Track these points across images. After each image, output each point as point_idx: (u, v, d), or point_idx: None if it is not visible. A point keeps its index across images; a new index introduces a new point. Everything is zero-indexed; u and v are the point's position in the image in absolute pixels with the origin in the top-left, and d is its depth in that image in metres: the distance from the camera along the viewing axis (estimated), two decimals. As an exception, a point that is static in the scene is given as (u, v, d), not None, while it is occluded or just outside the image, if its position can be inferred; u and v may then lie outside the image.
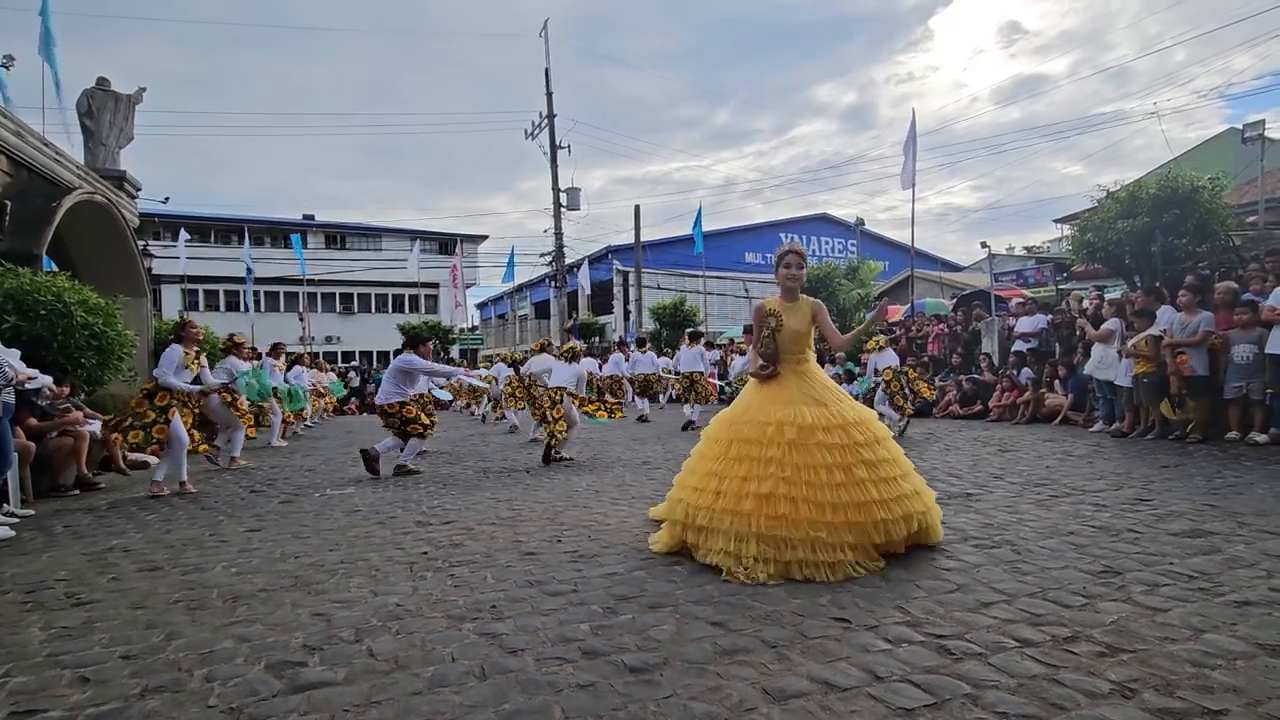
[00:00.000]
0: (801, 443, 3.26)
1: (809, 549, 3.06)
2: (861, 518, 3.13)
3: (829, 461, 3.22)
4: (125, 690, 2.17)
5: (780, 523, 3.11)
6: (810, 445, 3.26)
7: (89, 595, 3.17)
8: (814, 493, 3.15)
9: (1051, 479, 5.12)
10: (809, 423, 3.32)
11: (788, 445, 3.27)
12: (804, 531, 3.08)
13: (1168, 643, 2.21)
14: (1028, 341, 10.23)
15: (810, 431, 3.29)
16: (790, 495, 3.16)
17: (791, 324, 3.59)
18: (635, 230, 24.08)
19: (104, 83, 11.53)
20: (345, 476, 6.76)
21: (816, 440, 3.27)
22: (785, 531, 3.09)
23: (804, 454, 3.24)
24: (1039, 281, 17.31)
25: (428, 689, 2.11)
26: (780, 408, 3.42)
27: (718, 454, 3.48)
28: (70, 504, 5.66)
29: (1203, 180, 8.69)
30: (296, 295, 31.89)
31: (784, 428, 3.31)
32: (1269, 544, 3.23)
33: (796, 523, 3.10)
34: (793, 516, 3.11)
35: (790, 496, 3.16)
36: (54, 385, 6.57)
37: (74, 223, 9.59)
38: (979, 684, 2.00)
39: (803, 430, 3.29)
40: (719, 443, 3.53)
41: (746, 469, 3.31)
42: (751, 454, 3.33)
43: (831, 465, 3.21)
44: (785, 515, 3.12)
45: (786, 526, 3.10)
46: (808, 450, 3.25)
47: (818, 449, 3.25)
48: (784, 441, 3.28)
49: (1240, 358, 6.37)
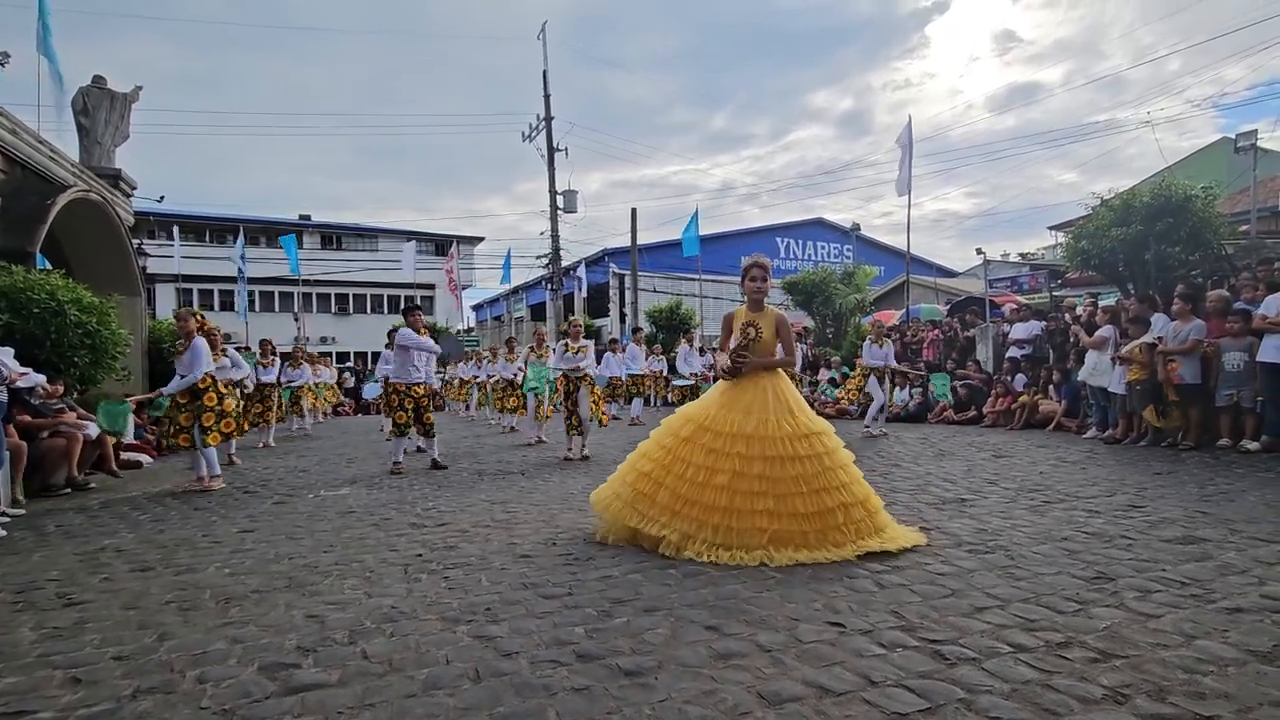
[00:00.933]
0: (769, 455, 3.43)
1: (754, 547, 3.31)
2: (822, 525, 3.35)
3: (794, 473, 3.40)
4: (117, 691, 2.16)
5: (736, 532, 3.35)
6: (777, 458, 3.43)
7: (80, 595, 3.16)
8: (778, 504, 3.34)
9: (1045, 485, 5.14)
10: (772, 433, 3.49)
11: (754, 459, 3.43)
12: (769, 541, 3.30)
13: (1160, 648, 2.22)
14: (1022, 348, 10.28)
15: (774, 442, 3.46)
16: (756, 508, 3.35)
17: (763, 333, 3.77)
18: (632, 233, 24.10)
19: (100, 80, 11.49)
20: (339, 477, 6.74)
21: (781, 452, 3.44)
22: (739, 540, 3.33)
23: (773, 466, 3.41)
24: (1033, 288, 17.38)
25: (422, 691, 2.10)
26: (745, 416, 3.56)
27: (674, 451, 3.61)
28: (61, 503, 5.63)
29: (1196, 189, 8.76)
30: (292, 295, 31.79)
31: (751, 441, 3.47)
32: (1260, 551, 3.25)
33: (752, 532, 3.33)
34: (764, 526, 3.33)
35: (753, 510, 3.35)
36: (47, 384, 6.53)
37: (68, 221, 9.54)
38: (973, 689, 2.00)
39: (767, 441, 3.46)
40: (678, 440, 3.65)
41: (705, 477, 3.47)
42: (709, 463, 3.49)
43: (796, 476, 3.40)
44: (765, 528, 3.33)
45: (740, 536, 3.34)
46: (777, 463, 3.42)
47: (782, 462, 3.42)
48: (750, 455, 3.44)
49: (1231, 366, 6.42)
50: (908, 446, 7.79)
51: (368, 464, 7.71)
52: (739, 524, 3.35)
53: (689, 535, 3.39)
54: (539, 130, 23.71)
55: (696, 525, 3.40)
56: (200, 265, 28.62)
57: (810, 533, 3.34)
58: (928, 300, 19.95)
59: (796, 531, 3.33)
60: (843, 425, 10.64)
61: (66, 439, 6.18)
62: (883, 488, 5.24)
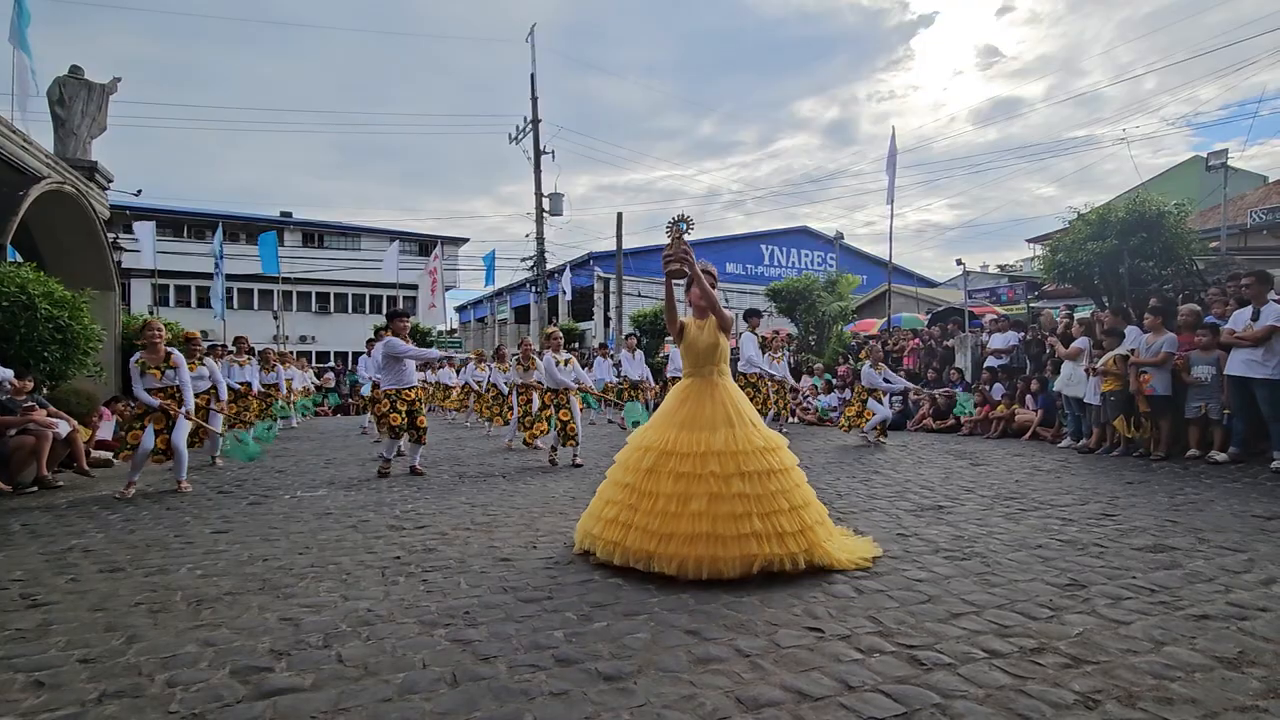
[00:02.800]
0: (721, 473, 3.21)
1: None
2: (770, 550, 3.12)
3: (745, 490, 3.19)
4: (82, 695, 2.11)
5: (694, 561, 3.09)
6: (729, 475, 3.21)
7: (46, 596, 3.08)
8: (725, 525, 3.11)
9: (1021, 493, 5.21)
10: (723, 449, 3.27)
11: (706, 477, 3.21)
12: (714, 568, 3.07)
13: (1130, 654, 2.26)
14: (999, 358, 10.43)
15: (727, 459, 3.24)
16: (710, 532, 3.11)
17: (704, 337, 3.62)
18: (617, 237, 24.11)
19: (77, 71, 11.26)
20: (316, 479, 6.65)
21: (734, 469, 3.22)
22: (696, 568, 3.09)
23: (719, 484, 3.19)
24: (1011, 299, 17.68)
25: (398, 696, 2.08)
26: (696, 434, 3.35)
27: (631, 484, 3.41)
28: (28, 502, 5.49)
29: (1169, 205, 8.96)
30: (271, 293, 31.36)
31: (706, 458, 3.25)
32: (1227, 559, 3.33)
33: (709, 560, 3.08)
34: (707, 555, 3.08)
35: (710, 534, 3.11)
36: (15, 379, 6.38)
37: (42, 213, 9.34)
38: (948, 694, 2.03)
39: (722, 458, 3.24)
40: (632, 471, 3.44)
41: (663, 504, 3.23)
42: (666, 489, 3.26)
43: (747, 494, 3.18)
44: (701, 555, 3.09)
45: (699, 565, 3.08)
46: (724, 480, 3.20)
47: (733, 479, 3.20)
48: (704, 473, 3.22)
49: (1201, 378, 6.56)
50: (887, 454, 7.87)
51: (346, 466, 7.62)
52: (724, 553, 3.07)
53: (670, 577, 3.10)
54: (526, 132, 23.67)
55: (678, 563, 3.09)
56: (177, 261, 28.14)
57: (799, 554, 3.16)
58: (909, 310, 20.18)
59: (786, 555, 3.13)
60: (823, 431, 10.72)
61: (35, 436, 6.03)
62: (862, 494, 5.29)
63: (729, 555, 3.08)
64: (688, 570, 3.08)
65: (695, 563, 3.08)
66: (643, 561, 3.19)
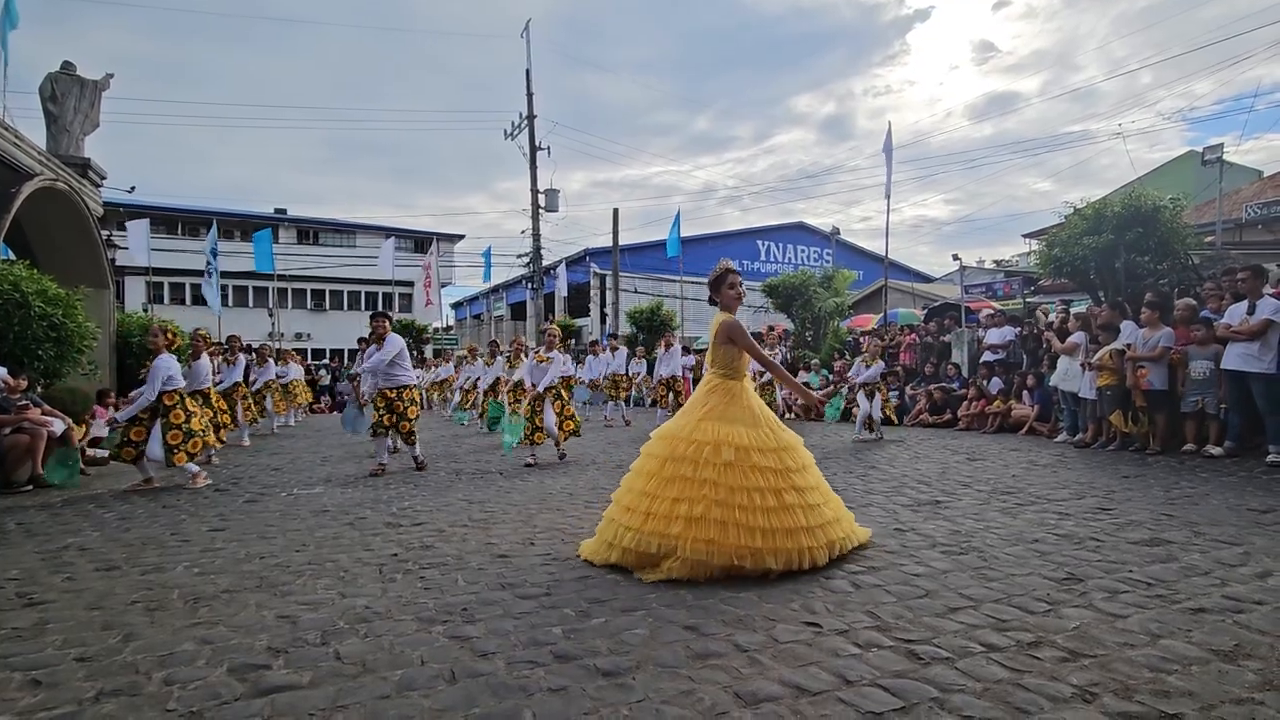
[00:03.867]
0: (738, 464, 3.24)
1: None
2: (790, 544, 3.14)
3: (762, 485, 3.22)
4: (79, 694, 2.10)
5: (706, 547, 3.07)
6: (745, 467, 3.24)
7: (42, 595, 3.07)
8: (746, 516, 3.12)
9: (1017, 487, 5.23)
10: (746, 444, 3.29)
11: (723, 466, 3.23)
12: (729, 559, 3.06)
13: (1127, 648, 2.27)
14: (996, 353, 10.46)
15: (746, 452, 3.27)
16: (721, 519, 3.12)
17: None
18: (613, 233, 24.08)
19: (69, 67, 11.18)
20: (313, 476, 6.63)
21: (752, 463, 3.26)
22: (709, 557, 3.06)
23: (738, 475, 3.22)
24: (1008, 294, 17.70)
25: (396, 693, 2.08)
26: (720, 425, 3.37)
27: (652, 471, 3.40)
28: (23, 500, 5.47)
29: (1164, 200, 8.96)
30: (266, 290, 31.25)
31: (721, 447, 3.27)
32: (1223, 553, 3.34)
33: (724, 549, 3.07)
34: (721, 542, 3.07)
35: (721, 520, 3.11)
36: (9, 377, 6.35)
37: (34, 210, 9.27)
38: (946, 688, 2.03)
39: (740, 451, 3.27)
40: (656, 459, 3.44)
41: (679, 489, 3.24)
42: (685, 474, 3.26)
43: (765, 489, 3.21)
44: (713, 539, 3.08)
45: (712, 551, 3.07)
46: (742, 472, 3.23)
47: (752, 471, 3.23)
48: (720, 462, 3.24)
49: (1197, 373, 6.58)
50: (884, 449, 7.88)
51: (343, 463, 7.60)
52: (813, 541, 3.20)
53: (770, 569, 3.10)
54: (521, 129, 23.59)
55: (784, 557, 3.12)
56: (172, 259, 28.00)
57: (836, 542, 3.32)
58: (905, 305, 20.22)
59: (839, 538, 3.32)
60: (819, 427, 10.74)
61: (30, 435, 6.00)
62: (859, 489, 5.30)
63: (818, 544, 3.21)
64: (794, 564, 3.13)
65: (798, 555, 3.15)
66: (658, 535, 3.14)
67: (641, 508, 3.30)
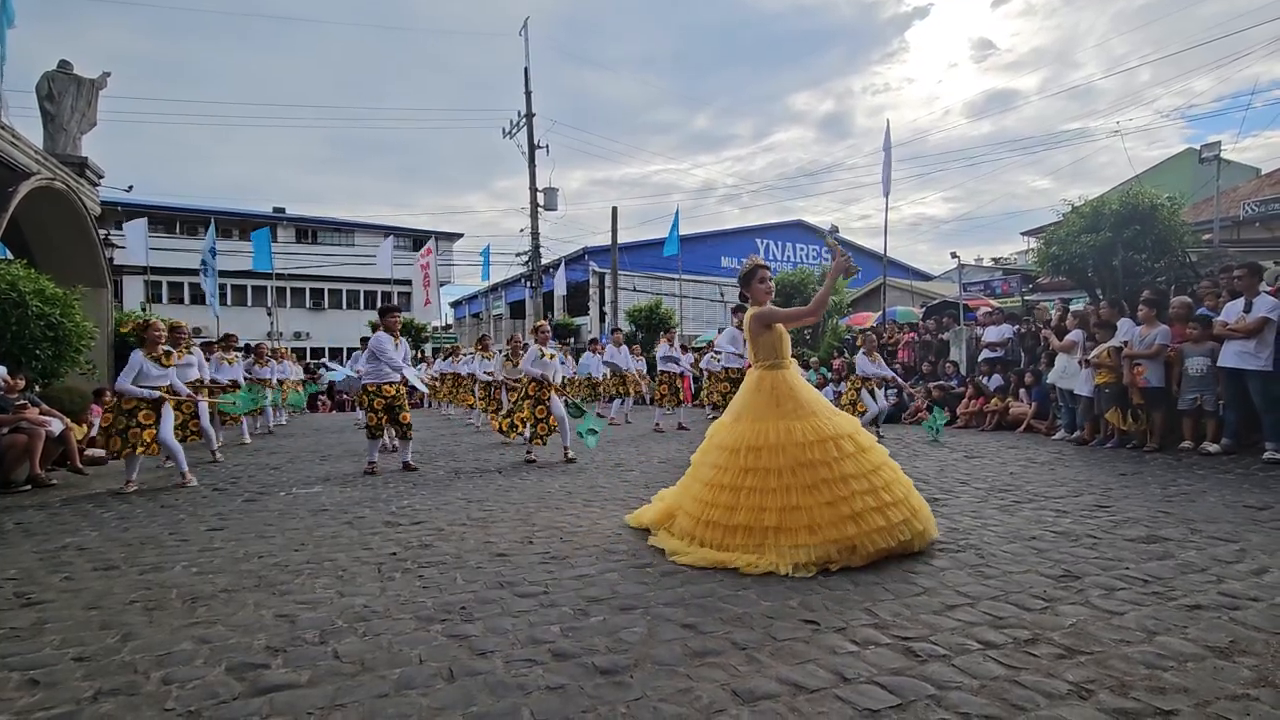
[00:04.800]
0: (847, 454, 3.40)
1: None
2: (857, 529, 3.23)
3: (836, 475, 3.33)
4: (78, 693, 2.10)
5: (802, 534, 3.21)
6: (849, 456, 3.40)
7: (40, 595, 3.07)
8: (828, 510, 3.24)
9: (1015, 485, 5.24)
10: (837, 433, 3.46)
11: (841, 459, 3.37)
12: (826, 550, 3.18)
13: (1123, 645, 2.28)
14: (994, 351, 10.47)
15: (842, 441, 3.43)
16: (809, 508, 3.25)
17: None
18: (612, 232, 24.06)
19: (66, 65, 11.15)
20: (311, 475, 6.63)
21: (846, 451, 3.41)
22: (806, 545, 3.19)
23: (850, 464, 3.37)
24: (1006, 292, 17.71)
25: (394, 691, 2.08)
26: (782, 420, 3.50)
27: (728, 465, 3.52)
28: (22, 500, 5.46)
29: (1162, 198, 8.97)
30: (265, 289, 31.22)
31: (834, 443, 3.42)
32: (1219, 550, 3.35)
33: (817, 543, 3.19)
34: (809, 537, 3.21)
35: (808, 509, 3.25)
36: (8, 377, 6.34)
37: (32, 209, 9.26)
38: (943, 685, 2.04)
39: (812, 445, 3.40)
40: (731, 453, 3.54)
41: (819, 495, 3.31)
42: (805, 480, 3.34)
43: (860, 474, 3.35)
44: (807, 525, 3.22)
45: (807, 536, 3.20)
46: (853, 460, 3.39)
47: (847, 459, 3.39)
48: (841, 456, 3.38)
49: (1194, 370, 6.60)
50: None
51: (341, 462, 7.60)
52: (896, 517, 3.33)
53: (883, 550, 3.25)
54: (520, 127, 23.57)
55: (884, 535, 3.26)
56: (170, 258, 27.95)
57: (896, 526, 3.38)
58: (904, 303, 20.21)
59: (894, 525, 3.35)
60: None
61: (28, 435, 6.00)
62: (858, 487, 5.30)
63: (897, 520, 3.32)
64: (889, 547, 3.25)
65: (890, 533, 3.26)
66: (744, 528, 3.30)
67: (724, 501, 3.43)
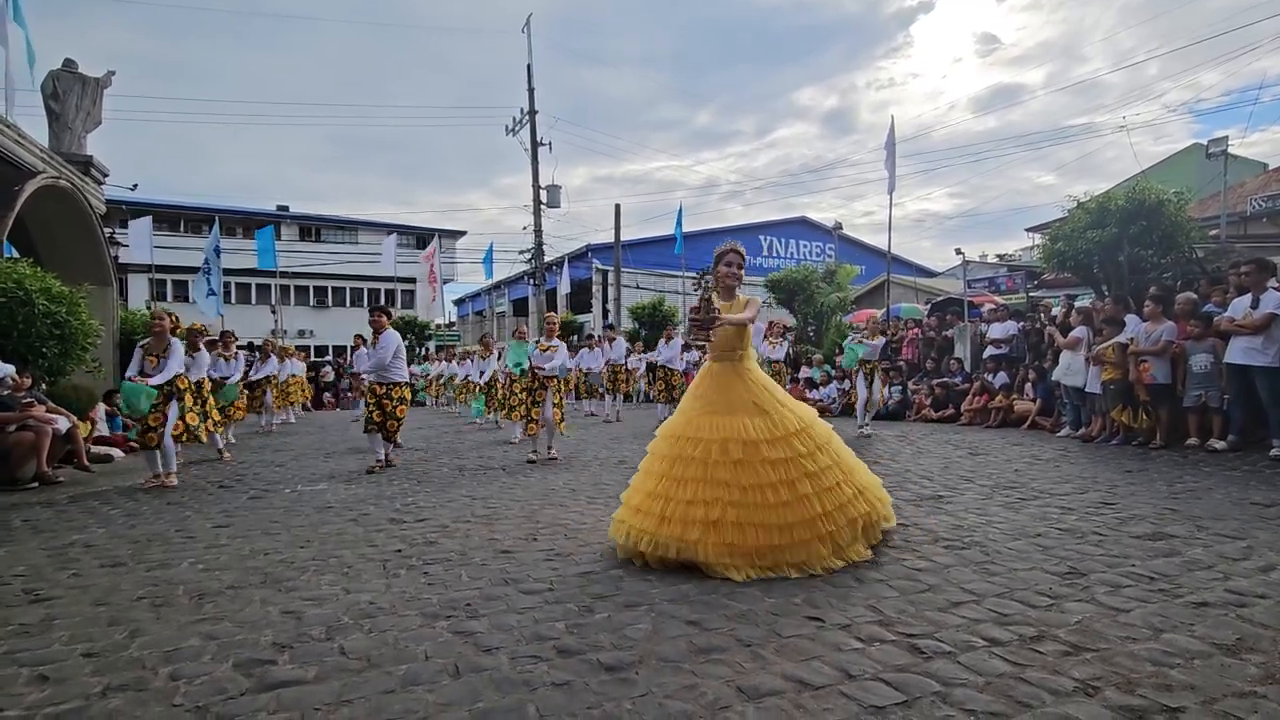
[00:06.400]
0: (747, 460, 3.17)
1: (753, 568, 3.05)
2: (809, 535, 3.10)
3: (774, 479, 3.14)
4: (86, 689, 2.11)
5: (728, 550, 3.05)
6: (756, 463, 3.17)
7: (48, 591, 3.09)
8: (762, 515, 3.08)
9: (1020, 482, 5.22)
10: (753, 437, 3.23)
11: (733, 465, 3.16)
12: (750, 560, 3.04)
13: (1129, 642, 2.27)
14: (999, 347, 10.43)
15: (755, 447, 3.20)
16: (738, 520, 3.07)
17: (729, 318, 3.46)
18: (615, 229, 24.06)
19: (71, 65, 11.20)
20: (317, 472, 6.66)
21: (762, 456, 3.18)
22: (732, 559, 3.04)
23: (750, 473, 3.15)
24: (1010, 289, 17.66)
25: (400, 688, 2.09)
26: (724, 419, 3.30)
27: (662, 472, 3.34)
28: (29, 498, 5.50)
29: (1168, 194, 8.92)
30: (269, 287, 31.29)
31: (729, 445, 3.20)
32: (1225, 547, 3.34)
33: (744, 551, 3.04)
34: (740, 544, 3.05)
35: (738, 522, 3.07)
36: (15, 375, 6.38)
37: (38, 208, 9.30)
38: (948, 682, 2.04)
39: (748, 446, 3.20)
40: (663, 460, 3.38)
41: (692, 491, 3.18)
42: (697, 475, 3.20)
43: (777, 483, 3.13)
44: (733, 543, 3.05)
45: (734, 554, 3.04)
46: (753, 468, 3.16)
47: (763, 466, 3.16)
48: (730, 461, 3.17)
49: (1199, 367, 6.57)
50: (886, 444, 7.88)
51: (345, 459, 7.63)
52: (836, 525, 3.15)
53: (803, 563, 3.07)
54: (522, 124, 23.57)
55: (807, 550, 3.07)
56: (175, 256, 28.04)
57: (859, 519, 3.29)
58: (908, 300, 20.15)
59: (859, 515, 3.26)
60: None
61: (35, 433, 6.03)
62: (862, 484, 5.29)
63: (839, 526, 3.17)
64: (818, 563, 3.07)
65: (821, 542, 3.10)
66: (676, 540, 3.09)
67: (655, 510, 3.25)
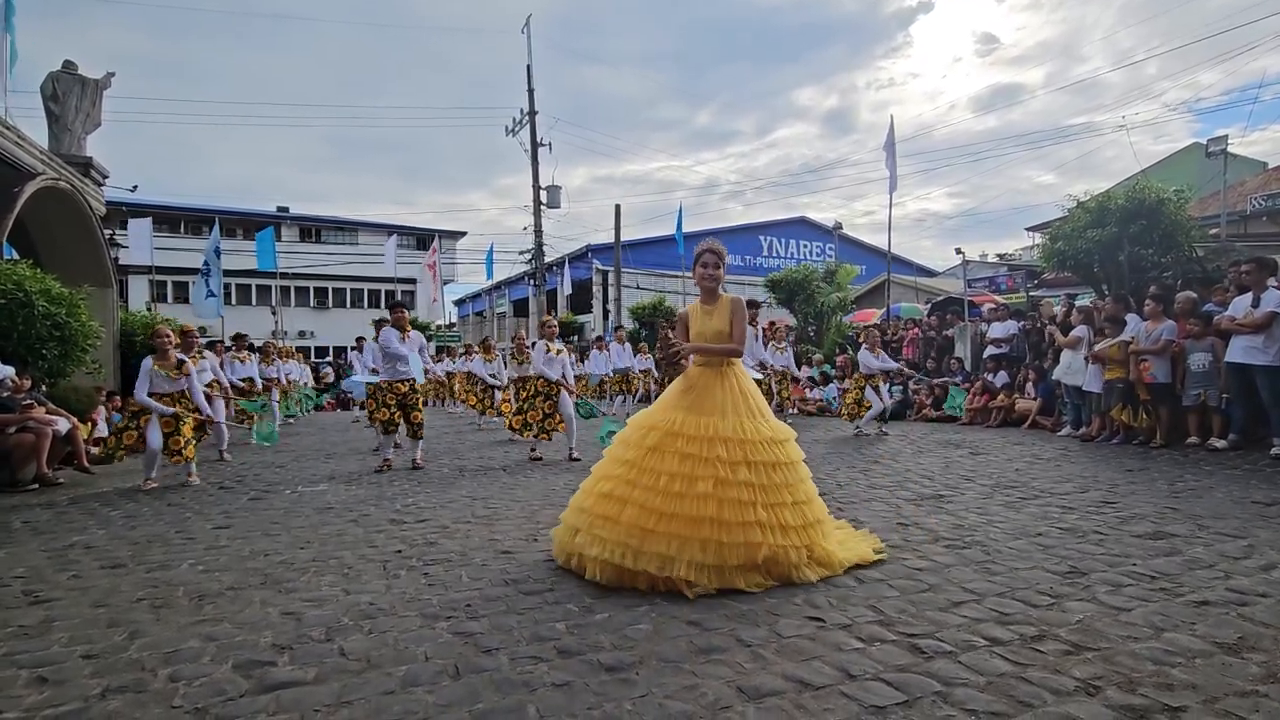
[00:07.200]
0: (669, 450, 3.09)
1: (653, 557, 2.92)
2: (687, 532, 2.94)
3: (683, 471, 3.03)
4: (85, 690, 2.11)
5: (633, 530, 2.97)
6: (677, 454, 3.07)
7: (48, 593, 3.08)
8: (645, 496, 3.00)
9: (1020, 481, 5.22)
10: (699, 434, 3.11)
11: (650, 450, 3.11)
12: (643, 539, 2.95)
13: (1130, 641, 2.27)
14: (999, 347, 10.43)
15: (691, 440, 3.10)
16: (624, 497, 3.03)
17: (712, 324, 3.38)
18: (615, 229, 24.07)
19: (70, 66, 11.19)
20: (317, 473, 6.65)
21: (686, 451, 3.07)
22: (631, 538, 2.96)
23: (667, 461, 3.07)
24: (1011, 288, 17.64)
25: (400, 689, 2.09)
26: (720, 419, 3.17)
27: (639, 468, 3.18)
28: (29, 499, 5.49)
29: (1168, 193, 8.91)
30: (269, 289, 31.31)
31: (731, 443, 3.08)
32: (1226, 546, 3.33)
33: (625, 524, 2.98)
34: (616, 517, 3.01)
35: (623, 498, 3.03)
36: (15, 377, 6.38)
37: (37, 210, 9.29)
38: (949, 682, 2.03)
39: (688, 440, 3.10)
40: (632, 447, 3.26)
41: (684, 486, 3.04)
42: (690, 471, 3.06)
43: (681, 475, 3.02)
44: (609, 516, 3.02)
45: (638, 535, 2.95)
46: (673, 458, 3.07)
47: (684, 459, 3.06)
48: (648, 447, 3.12)
49: (1197, 366, 6.56)
50: (887, 443, 7.88)
51: (346, 460, 7.62)
52: (729, 538, 2.90)
53: (668, 557, 2.90)
54: (522, 125, 23.60)
55: (679, 544, 2.90)
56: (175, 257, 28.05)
57: (801, 549, 3.02)
58: (908, 299, 20.16)
59: (791, 547, 2.98)
60: (823, 422, 10.72)
61: (35, 434, 6.03)
62: (862, 484, 5.29)
63: (734, 541, 2.89)
64: (692, 553, 2.88)
65: (700, 545, 2.90)
66: (636, 537, 2.95)
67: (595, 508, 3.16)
